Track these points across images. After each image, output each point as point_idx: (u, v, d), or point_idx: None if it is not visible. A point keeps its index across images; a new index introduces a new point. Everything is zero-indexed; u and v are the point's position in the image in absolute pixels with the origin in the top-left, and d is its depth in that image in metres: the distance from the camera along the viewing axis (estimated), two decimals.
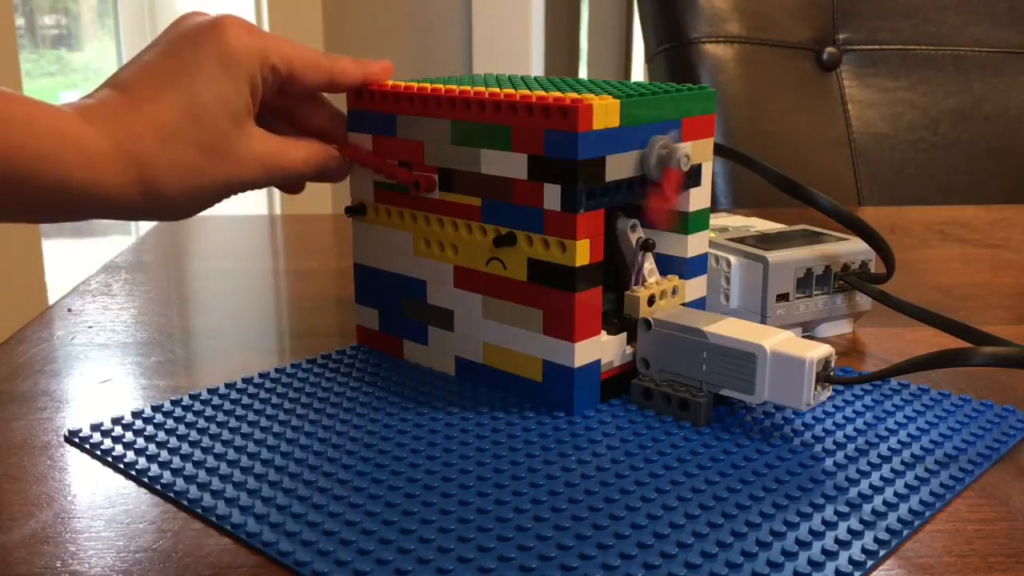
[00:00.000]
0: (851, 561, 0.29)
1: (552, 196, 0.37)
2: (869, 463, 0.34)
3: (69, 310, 0.53)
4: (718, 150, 0.46)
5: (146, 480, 0.33)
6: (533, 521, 0.30)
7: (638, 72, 1.68)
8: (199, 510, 0.31)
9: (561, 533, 0.30)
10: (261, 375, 0.43)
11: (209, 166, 0.37)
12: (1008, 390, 0.42)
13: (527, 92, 0.39)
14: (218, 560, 0.29)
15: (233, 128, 0.38)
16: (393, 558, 0.28)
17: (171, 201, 0.37)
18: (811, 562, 0.28)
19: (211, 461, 0.34)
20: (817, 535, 0.30)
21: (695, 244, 0.42)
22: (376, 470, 0.34)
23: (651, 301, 0.40)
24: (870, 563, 0.29)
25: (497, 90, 0.39)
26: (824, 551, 0.29)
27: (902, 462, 0.35)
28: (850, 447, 0.36)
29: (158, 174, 0.36)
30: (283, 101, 0.42)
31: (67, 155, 0.34)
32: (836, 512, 0.31)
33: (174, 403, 0.40)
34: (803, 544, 0.29)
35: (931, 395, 0.41)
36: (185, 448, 0.35)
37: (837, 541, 0.29)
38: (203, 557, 0.29)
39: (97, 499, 0.33)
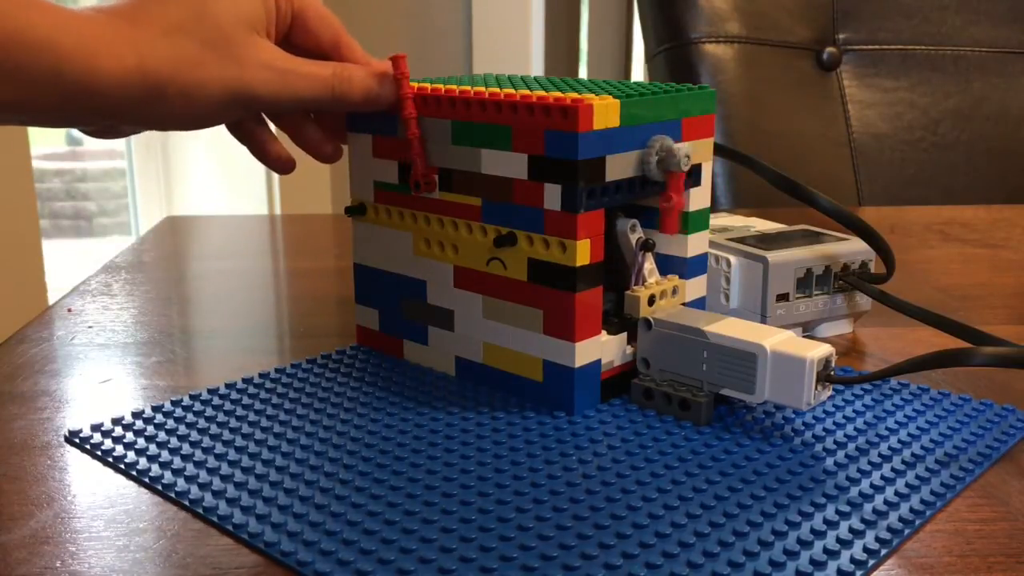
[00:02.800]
0: (853, 560, 0.29)
1: (552, 196, 0.37)
2: (870, 462, 0.35)
3: (69, 310, 0.53)
4: (718, 150, 0.46)
5: (147, 481, 0.33)
6: (535, 521, 0.30)
7: (638, 72, 1.68)
8: (200, 510, 0.31)
9: (563, 533, 0.30)
10: (261, 375, 0.43)
11: (212, 62, 0.37)
12: (1008, 390, 0.42)
13: (527, 92, 0.39)
14: (218, 560, 0.29)
15: (242, 33, 0.37)
16: (395, 558, 0.28)
17: (169, 94, 0.36)
18: (813, 561, 0.28)
19: (212, 461, 0.34)
20: (819, 534, 0.30)
21: (695, 244, 0.42)
22: (377, 470, 0.34)
23: (651, 301, 0.40)
24: (872, 562, 0.29)
25: (497, 90, 0.39)
26: (826, 550, 0.29)
27: (902, 461, 0.35)
28: (850, 446, 0.36)
29: (158, 64, 0.35)
30: (291, 52, 0.40)
31: (62, 43, 0.33)
32: (837, 511, 0.31)
33: (174, 403, 0.39)
34: (805, 543, 0.29)
35: (931, 395, 0.41)
36: (186, 448, 0.35)
37: (839, 540, 0.30)
38: (203, 557, 0.29)
39: (97, 499, 0.33)
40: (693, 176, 0.41)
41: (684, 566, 0.28)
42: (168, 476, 0.33)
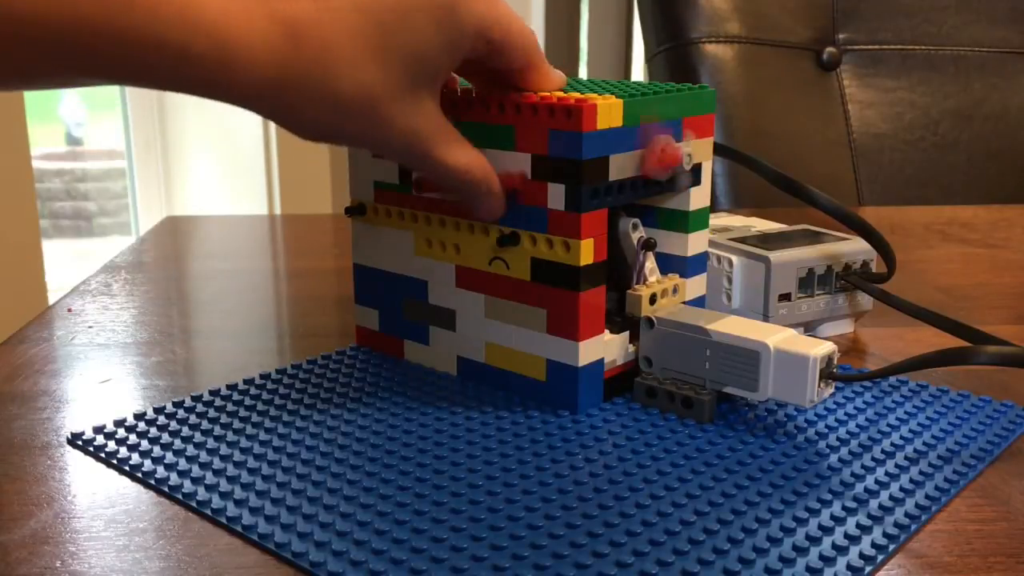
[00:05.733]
0: (862, 556, 0.29)
1: (556, 196, 0.37)
2: (873, 459, 0.35)
3: (69, 310, 0.53)
4: (718, 150, 0.46)
5: (153, 483, 0.33)
6: (544, 519, 0.30)
7: (638, 72, 1.69)
8: (208, 512, 0.31)
9: (573, 531, 0.30)
10: (262, 376, 0.42)
11: (359, 119, 0.33)
12: (1008, 390, 0.42)
13: (530, 92, 0.39)
14: (218, 560, 0.29)
15: (409, 88, 0.33)
16: (407, 557, 0.28)
17: (296, 129, 0.33)
18: (823, 557, 0.28)
19: (217, 463, 0.34)
20: (827, 530, 0.30)
21: (695, 243, 0.42)
22: (384, 470, 0.34)
23: (652, 300, 0.40)
24: (880, 558, 0.29)
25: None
26: (835, 546, 0.29)
27: (905, 457, 0.35)
28: (853, 443, 0.36)
29: (307, 119, 0.32)
30: (484, 73, 0.37)
31: (194, 44, 0.29)
32: (844, 508, 0.31)
33: (176, 404, 0.39)
34: (814, 539, 0.29)
35: (930, 391, 0.41)
36: (191, 450, 0.35)
37: (847, 536, 0.30)
38: (203, 557, 0.29)
39: (97, 499, 0.32)
40: (693, 175, 0.41)
41: (695, 563, 0.28)
42: (174, 478, 0.33)
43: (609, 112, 0.37)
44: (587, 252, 0.37)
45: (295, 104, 0.32)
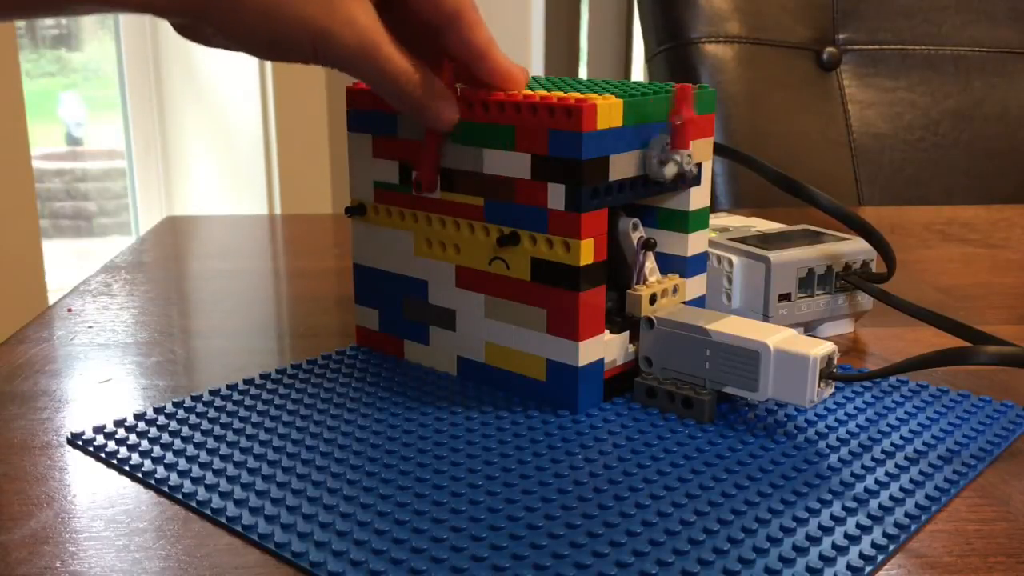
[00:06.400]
0: (862, 556, 0.29)
1: (556, 195, 0.37)
2: (873, 459, 0.35)
3: (69, 310, 0.53)
4: (718, 150, 0.46)
5: (153, 483, 0.33)
6: (544, 519, 0.30)
7: (638, 72, 1.69)
8: (208, 511, 0.31)
9: (573, 531, 0.30)
10: (262, 376, 0.42)
11: (284, 9, 0.32)
12: (1008, 390, 0.42)
13: (530, 92, 0.39)
14: (218, 560, 0.29)
15: None
16: (407, 557, 0.28)
17: (234, 26, 0.33)
18: (823, 557, 0.28)
19: (217, 463, 0.34)
20: (827, 530, 0.30)
21: (695, 243, 0.42)
22: (384, 470, 0.34)
23: (653, 300, 0.40)
24: (880, 557, 0.29)
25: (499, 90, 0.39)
26: (835, 546, 0.29)
27: (905, 458, 0.35)
28: (852, 443, 0.36)
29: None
30: (407, 18, 0.37)
31: None
32: (844, 508, 0.31)
33: (176, 404, 0.39)
34: (814, 539, 0.29)
35: (930, 391, 0.41)
36: (191, 450, 0.35)
37: (847, 536, 0.30)
38: (203, 557, 0.29)
39: (97, 499, 0.32)
40: (693, 176, 0.41)
41: (695, 563, 0.28)
42: (174, 478, 0.33)
43: (609, 112, 0.37)
44: (587, 252, 0.37)
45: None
